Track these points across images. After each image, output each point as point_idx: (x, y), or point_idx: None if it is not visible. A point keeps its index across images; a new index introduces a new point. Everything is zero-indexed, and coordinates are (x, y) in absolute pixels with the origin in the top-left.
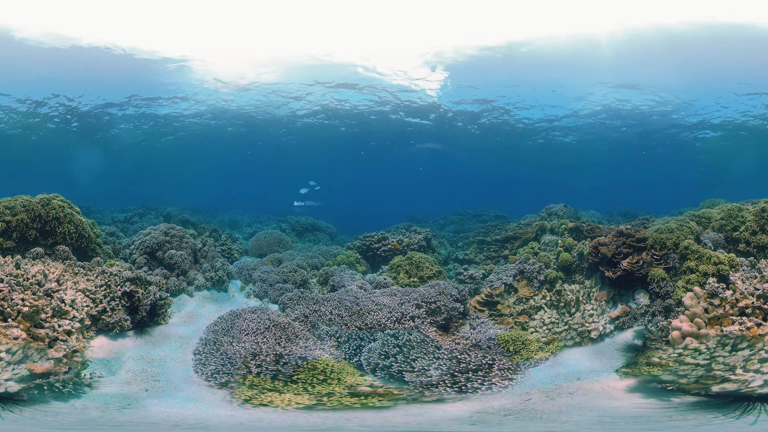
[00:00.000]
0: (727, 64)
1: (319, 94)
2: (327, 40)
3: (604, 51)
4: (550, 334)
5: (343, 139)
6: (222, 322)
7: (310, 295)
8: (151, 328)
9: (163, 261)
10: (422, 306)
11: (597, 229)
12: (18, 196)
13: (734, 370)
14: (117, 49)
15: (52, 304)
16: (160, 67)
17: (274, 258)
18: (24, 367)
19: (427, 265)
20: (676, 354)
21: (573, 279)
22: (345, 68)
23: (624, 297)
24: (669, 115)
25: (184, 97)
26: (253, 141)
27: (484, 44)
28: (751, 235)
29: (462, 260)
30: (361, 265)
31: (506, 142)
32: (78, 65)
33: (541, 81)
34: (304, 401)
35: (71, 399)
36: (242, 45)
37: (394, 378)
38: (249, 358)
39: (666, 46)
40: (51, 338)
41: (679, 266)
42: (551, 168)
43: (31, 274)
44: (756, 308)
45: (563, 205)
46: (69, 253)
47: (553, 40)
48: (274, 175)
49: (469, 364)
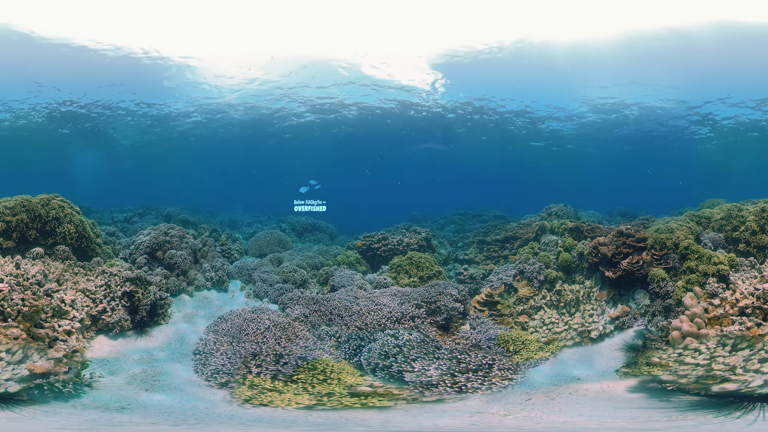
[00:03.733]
0: (727, 64)
1: (319, 93)
2: (327, 40)
3: (604, 51)
4: (550, 334)
5: (343, 139)
6: (222, 322)
7: (310, 295)
8: (151, 328)
9: (163, 261)
10: (422, 306)
11: (597, 229)
12: (18, 196)
13: (734, 370)
14: (117, 50)
15: (52, 304)
16: (160, 67)
17: (274, 258)
18: (24, 367)
19: (427, 265)
20: (676, 354)
21: (573, 279)
22: (345, 68)
23: (624, 297)
24: (669, 115)
25: (183, 97)
26: (256, 141)
27: (483, 44)
28: (751, 235)
29: (462, 260)
30: (361, 265)
31: (506, 141)
32: (78, 65)
33: (542, 81)
34: (304, 401)
35: (71, 399)
36: (242, 45)
37: (394, 378)
38: (249, 358)
39: (666, 45)
40: (51, 338)
41: (679, 266)
42: (551, 168)
43: (31, 274)
44: (756, 308)
45: (563, 205)
46: (69, 253)
47: (554, 40)
48: (273, 175)
49: (469, 364)
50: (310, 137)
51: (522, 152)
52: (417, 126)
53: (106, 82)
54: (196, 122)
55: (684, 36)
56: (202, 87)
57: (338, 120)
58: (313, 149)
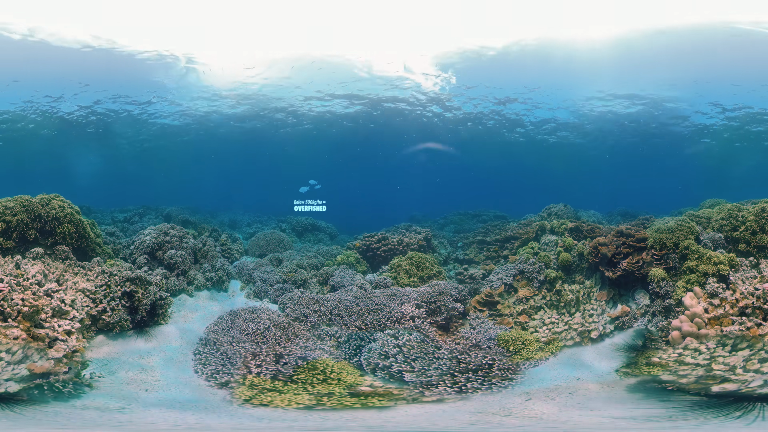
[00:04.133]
0: (728, 64)
1: (319, 93)
2: (327, 40)
3: (604, 52)
4: (550, 334)
5: (344, 139)
6: (222, 322)
7: (310, 295)
8: (151, 328)
9: (163, 261)
10: (422, 306)
11: (597, 229)
12: (18, 196)
13: (734, 370)
14: (117, 49)
15: (52, 304)
16: (161, 67)
17: (274, 258)
18: (24, 367)
19: (427, 265)
20: (676, 354)
21: (573, 279)
22: (345, 68)
23: (624, 297)
24: (670, 115)
25: (183, 97)
26: (256, 141)
27: (483, 45)
28: (751, 235)
29: (462, 260)
30: (361, 265)
31: (507, 141)
32: (79, 65)
33: (542, 81)
34: (304, 401)
35: (71, 399)
36: (242, 45)
37: (394, 378)
38: (249, 358)
39: (667, 46)
40: (51, 338)
41: (679, 266)
42: (551, 168)
43: (31, 274)
44: (756, 308)
45: (563, 205)
46: (69, 253)
47: (554, 41)
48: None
49: (469, 364)
50: (310, 137)
51: (522, 152)
52: (417, 126)
53: (106, 81)
54: (196, 122)
55: (684, 36)
56: (203, 87)
57: (338, 120)
58: (313, 149)
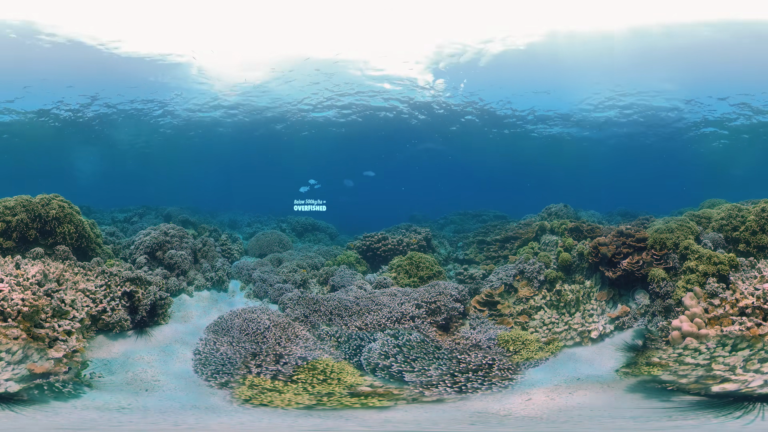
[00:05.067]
0: (729, 64)
1: (320, 92)
2: (327, 40)
3: (605, 51)
4: (550, 334)
5: (344, 139)
6: (222, 322)
7: (310, 295)
8: (151, 328)
9: (163, 261)
10: (422, 306)
11: (597, 229)
12: (18, 196)
13: (734, 370)
14: (118, 49)
15: (52, 304)
16: (160, 67)
17: (274, 258)
18: (24, 367)
19: (427, 265)
20: (676, 354)
21: (573, 279)
22: (345, 68)
23: (624, 297)
24: (670, 114)
25: (183, 97)
26: (256, 141)
27: (482, 45)
28: (751, 235)
29: (462, 260)
30: (361, 265)
31: (507, 141)
32: (79, 65)
33: (542, 81)
34: (304, 401)
35: (71, 399)
36: (242, 44)
37: (394, 378)
38: (249, 358)
39: (669, 45)
40: (51, 338)
41: (679, 266)
42: (551, 168)
43: (31, 274)
44: (756, 308)
45: (563, 205)
46: (69, 253)
47: (554, 39)
48: (273, 174)
49: (469, 364)
50: (310, 136)
51: (522, 152)
52: (418, 126)
53: (106, 81)
54: (196, 122)
55: (685, 35)
56: (203, 87)
57: (338, 120)
58: (313, 148)
